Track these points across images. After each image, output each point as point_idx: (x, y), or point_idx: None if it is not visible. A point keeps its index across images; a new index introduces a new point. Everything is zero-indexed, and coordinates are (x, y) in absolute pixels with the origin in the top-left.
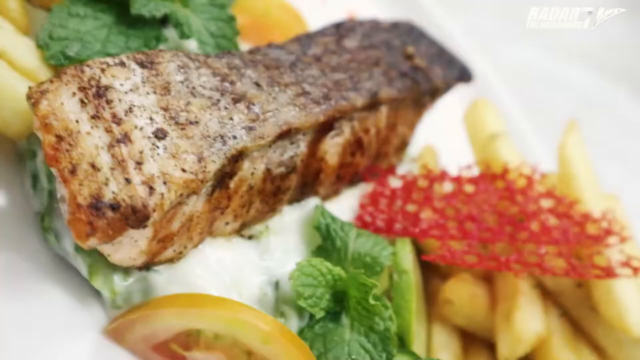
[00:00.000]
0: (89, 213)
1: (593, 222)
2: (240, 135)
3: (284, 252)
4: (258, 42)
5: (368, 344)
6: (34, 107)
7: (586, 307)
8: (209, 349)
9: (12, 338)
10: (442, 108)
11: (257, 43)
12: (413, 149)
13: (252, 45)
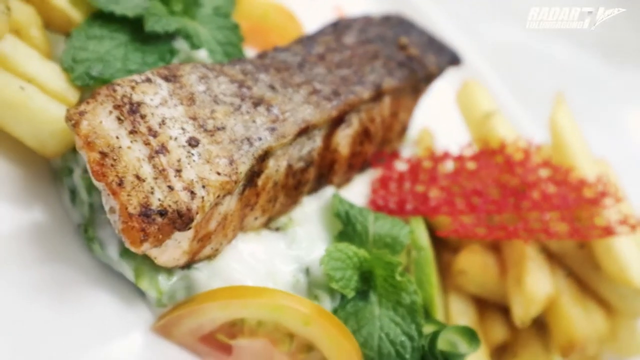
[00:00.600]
0: (141, 221)
1: (589, 186)
2: (265, 136)
3: (309, 240)
4: (258, 45)
5: (397, 317)
6: (74, 128)
7: (589, 266)
8: (253, 336)
9: (70, 342)
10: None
11: (257, 46)
12: (411, 133)
13: (253, 48)
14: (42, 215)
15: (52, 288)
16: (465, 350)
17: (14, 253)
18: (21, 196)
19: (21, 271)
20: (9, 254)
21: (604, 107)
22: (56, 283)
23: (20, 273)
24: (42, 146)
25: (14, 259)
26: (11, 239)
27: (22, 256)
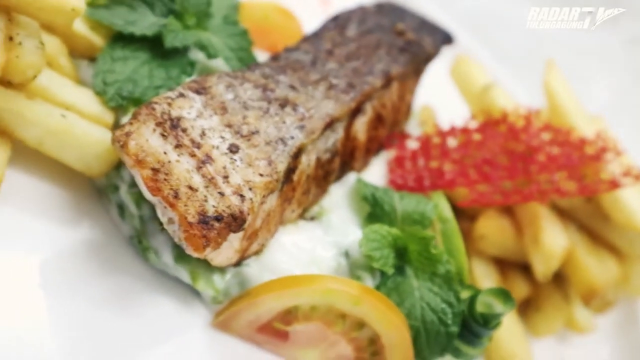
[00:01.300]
0: (201, 228)
1: (590, 143)
2: (296, 135)
3: (342, 225)
4: (262, 45)
5: (435, 287)
6: (123, 149)
7: (598, 218)
8: (307, 320)
9: (138, 344)
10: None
11: (262, 47)
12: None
13: (259, 49)
14: (94, 231)
15: (116, 297)
16: (502, 310)
17: (76, 269)
18: (72, 216)
19: (86, 285)
20: (72, 271)
21: (584, 66)
22: (119, 292)
23: (85, 286)
24: (87, 168)
25: (77, 275)
26: (70, 257)
27: (84, 271)
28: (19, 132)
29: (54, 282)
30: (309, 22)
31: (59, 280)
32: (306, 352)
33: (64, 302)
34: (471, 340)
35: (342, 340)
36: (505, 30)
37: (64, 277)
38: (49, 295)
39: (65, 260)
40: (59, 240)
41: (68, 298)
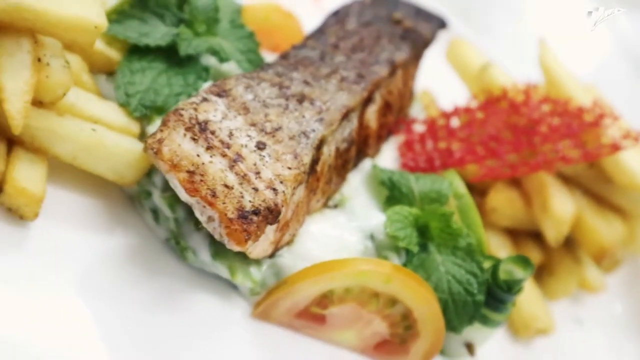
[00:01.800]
0: (241, 223)
1: (587, 111)
2: (316, 127)
3: (364, 210)
4: (266, 45)
5: (458, 260)
6: (157, 155)
7: (602, 181)
8: (342, 303)
9: (186, 340)
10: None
11: (266, 47)
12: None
13: (263, 49)
14: (131, 238)
15: (159, 298)
16: (522, 275)
17: (119, 275)
18: (109, 225)
19: (130, 288)
20: (115, 277)
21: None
22: (161, 293)
23: (129, 290)
24: (120, 177)
25: (120, 280)
26: (112, 264)
27: (126, 276)
28: (53, 148)
29: (99, 288)
30: (305, 19)
31: (104, 286)
32: (343, 333)
33: (110, 307)
34: (497, 306)
35: (377, 318)
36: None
37: (108, 284)
38: (96, 301)
39: (107, 267)
40: (99, 249)
41: (114, 303)
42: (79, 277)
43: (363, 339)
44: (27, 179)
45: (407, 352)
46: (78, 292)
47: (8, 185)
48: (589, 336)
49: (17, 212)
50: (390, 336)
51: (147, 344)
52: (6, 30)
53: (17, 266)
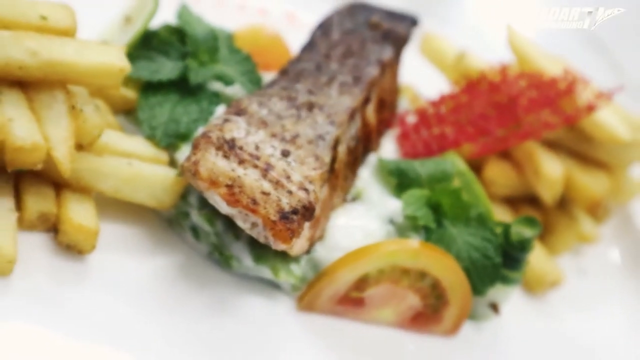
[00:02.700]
0: (284, 223)
1: (560, 80)
2: (330, 129)
3: (379, 199)
4: (259, 65)
5: (472, 229)
6: (195, 176)
7: (583, 141)
8: (377, 283)
9: (244, 343)
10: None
11: (259, 67)
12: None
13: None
14: (175, 257)
15: (212, 306)
16: (532, 234)
17: (171, 290)
18: (154, 247)
19: (184, 301)
20: (168, 293)
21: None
22: (212, 301)
23: (184, 303)
24: (159, 202)
25: (174, 295)
26: (163, 281)
27: (178, 290)
28: (97, 186)
29: (156, 305)
30: (285, 37)
31: (160, 302)
32: (382, 312)
33: (168, 320)
34: (513, 265)
35: (410, 293)
36: (453, 5)
37: (163, 300)
38: (155, 317)
39: (160, 285)
40: (149, 270)
41: (171, 316)
42: (137, 297)
43: (400, 314)
44: (81, 216)
45: (440, 320)
46: (138, 310)
47: (65, 224)
48: (595, 283)
49: (76, 247)
50: (424, 307)
51: (207, 349)
52: (40, 85)
53: (84, 295)
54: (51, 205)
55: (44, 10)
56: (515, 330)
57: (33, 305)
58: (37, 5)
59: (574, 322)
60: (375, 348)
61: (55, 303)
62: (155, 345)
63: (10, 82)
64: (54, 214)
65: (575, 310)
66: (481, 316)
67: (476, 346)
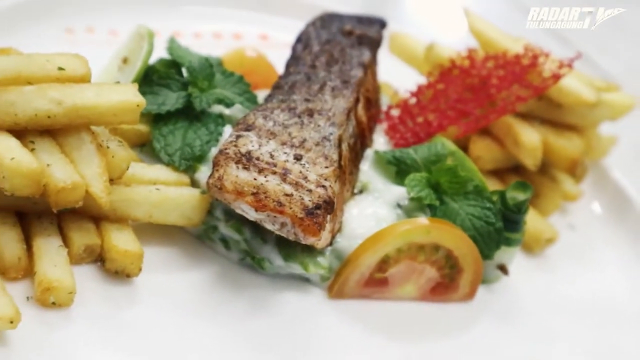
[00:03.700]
0: (310, 218)
1: (523, 56)
2: (332, 130)
3: (383, 187)
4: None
5: (471, 201)
6: (221, 191)
7: (553, 108)
8: (397, 262)
9: (284, 338)
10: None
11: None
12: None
13: None
14: (210, 267)
15: (250, 307)
16: (525, 196)
17: (212, 298)
18: (189, 262)
19: (224, 306)
20: (210, 300)
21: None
22: (250, 303)
23: (225, 308)
24: (189, 220)
25: (215, 301)
26: (204, 291)
27: (218, 297)
28: (132, 214)
29: (203, 313)
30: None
31: (205, 310)
32: (404, 288)
33: (215, 325)
34: (514, 227)
35: (427, 266)
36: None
37: (206, 307)
38: (204, 322)
39: (202, 294)
40: (189, 282)
41: (217, 321)
42: (184, 308)
43: (420, 287)
44: (124, 242)
45: (457, 287)
46: (188, 320)
47: (112, 252)
48: (584, 235)
49: (124, 272)
50: (441, 278)
51: (257, 345)
52: (67, 130)
53: (139, 314)
54: (95, 238)
55: (60, 62)
56: (523, 287)
57: (97, 330)
58: (52, 58)
59: (573, 272)
60: (403, 321)
61: (115, 325)
62: (212, 348)
63: (39, 131)
64: (99, 245)
65: (572, 262)
66: (492, 279)
67: (492, 307)
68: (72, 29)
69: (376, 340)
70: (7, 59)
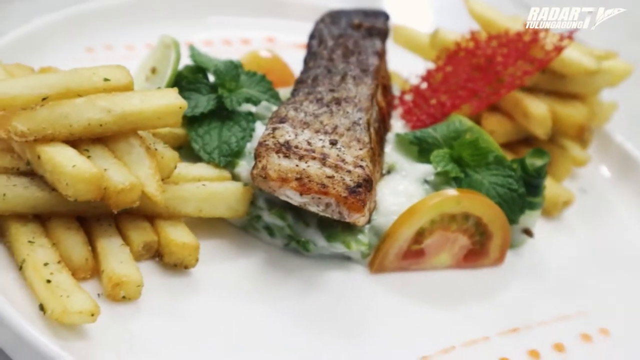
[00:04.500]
0: (354, 196)
1: (524, 33)
2: (361, 116)
3: (409, 166)
4: None
5: (493, 171)
6: (266, 179)
7: (556, 79)
8: (431, 233)
9: (334, 313)
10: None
11: None
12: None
13: None
14: (258, 254)
15: (302, 288)
16: (543, 161)
17: (265, 281)
18: (239, 251)
19: (279, 290)
20: (263, 284)
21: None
22: (300, 283)
23: (279, 291)
24: (235, 212)
25: (267, 285)
26: (256, 276)
27: (270, 280)
28: (183, 210)
29: (259, 296)
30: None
31: (260, 293)
32: (439, 257)
33: (272, 308)
34: (535, 191)
35: (459, 235)
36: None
37: (261, 292)
38: (261, 305)
39: (255, 279)
40: (242, 269)
41: (273, 303)
42: (241, 293)
43: (454, 256)
44: (181, 236)
45: (487, 253)
46: (245, 304)
47: (170, 246)
48: (596, 197)
49: (182, 264)
50: (472, 244)
51: (313, 321)
52: (116, 136)
53: (201, 302)
54: (152, 235)
55: (104, 74)
56: (547, 248)
57: (165, 319)
58: (97, 70)
59: (592, 231)
60: (441, 289)
61: (181, 313)
62: (271, 328)
63: (92, 140)
64: (156, 241)
65: (589, 223)
66: (519, 243)
67: (521, 268)
68: (92, 47)
69: (419, 308)
70: (55, 75)
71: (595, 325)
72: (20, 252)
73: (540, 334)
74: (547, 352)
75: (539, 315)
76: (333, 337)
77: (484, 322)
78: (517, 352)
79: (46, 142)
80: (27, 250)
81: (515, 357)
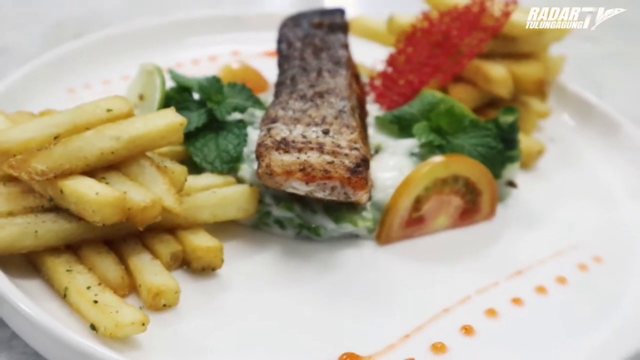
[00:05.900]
0: (356, 176)
1: (472, 5)
2: (344, 104)
3: (394, 144)
4: None
5: (470, 133)
6: (272, 176)
7: (508, 42)
8: (428, 199)
9: (353, 288)
10: None
11: None
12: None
13: None
14: (273, 247)
15: (321, 270)
16: (514, 117)
17: (284, 270)
18: (254, 246)
19: (301, 275)
20: (281, 272)
21: None
22: (320, 266)
23: (301, 276)
24: (245, 212)
25: (286, 272)
26: (275, 266)
27: (288, 269)
28: (200, 218)
29: (280, 284)
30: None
31: (282, 281)
32: (438, 220)
33: (298, 291)
34: (512, 145)
35: (452, 196)
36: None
37: (285, 279)
38: (285, 290)
39: (275, 269)
40: (261, 262)
41: (298, 287)
42: (267, 283)
43: (451, 216)
44: (205, 241)
45: (480, 208)
46: (273, 292)
47: (196, 252)
48: (564, 144)
49: (209, 266)
50: (465, 203)
51: (336, 296)
52: (127, 161)
53: (234, 297)
54: (176, 245)
55: (106, 105)
56: (531, 197)
57: (205, 318)
58: (99, 103)
59: (566, 175)
60: (445, 249)
61: (218, 310)
62: (301, 307)
63: (105, 168)
64: (181, 251)
65: (563, 167)
66: (505, 195)
67: (511, 219)
68: (73, 88)
69: (430, 268)
70: (61, 114)
71: (589, 254)
72: (61, 281)
73: (542, 271)
74: (552, 286)
75: (537, 256)
76: (358, 304)
77: (490, 270)
78: (526, 290)
79: (65, 177)
80: (67, 278)
81: (525, 295)
